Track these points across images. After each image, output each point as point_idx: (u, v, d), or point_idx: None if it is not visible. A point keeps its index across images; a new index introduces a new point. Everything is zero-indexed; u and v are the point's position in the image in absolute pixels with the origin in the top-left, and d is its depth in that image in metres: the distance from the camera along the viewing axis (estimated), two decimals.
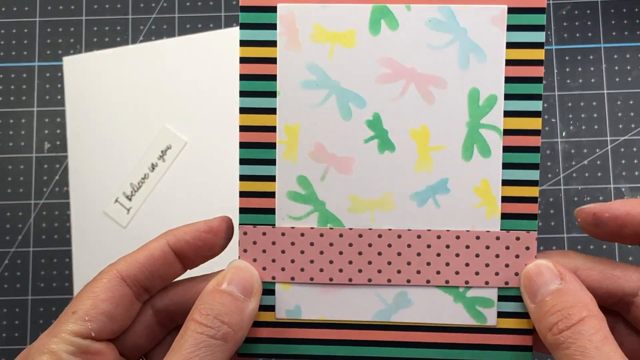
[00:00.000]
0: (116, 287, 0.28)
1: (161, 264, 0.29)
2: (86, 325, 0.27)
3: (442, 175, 0.33)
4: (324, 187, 0.34)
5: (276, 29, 0.33)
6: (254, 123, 0.33)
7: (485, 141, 0.33)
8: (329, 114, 0.33)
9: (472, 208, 0.33)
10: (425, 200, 0.33)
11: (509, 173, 0.33)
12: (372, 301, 0.34)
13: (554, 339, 0.26)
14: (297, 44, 0.33)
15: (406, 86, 0.33)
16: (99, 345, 0.27)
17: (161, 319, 0.30)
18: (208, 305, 0.27)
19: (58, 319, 0.27)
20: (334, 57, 0.33)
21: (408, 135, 0.33)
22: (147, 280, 0.29)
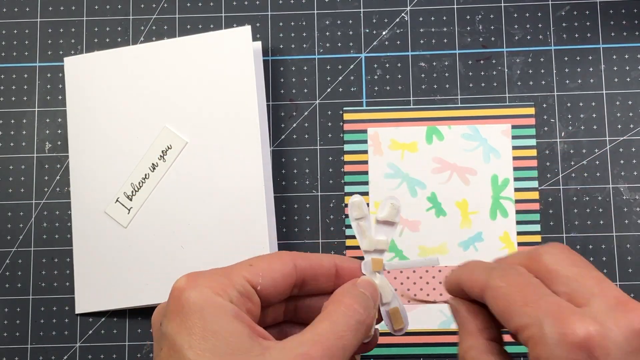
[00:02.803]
0: (288, 266, 0.31)
1: (324, 274, 0.33)
2: (257, 278, 0.30)
3: (478, 230, 0.52)
4: (401, 241, 0.52)
5: (367, 142, 0.54)
6: None
7: (504, 207, 0.53)
8: (403, 193, 0.53)
9: (499, 250, 0.52)
10: (468, 247, 0.52)
11: (520, 227, 0.53)
12: (437, 315, 0.51)
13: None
14: (381, 151, 0.54)
15: (451, 174, 0.53)
16: (256, 299, 0.30)
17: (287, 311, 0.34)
18: (357, 294, 0.31)
19: (233, 265, 0.31)
20: (405, 158, 0.54)
21: (454, 205, 0.53)
22: (309, 278, 0.33)
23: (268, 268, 0.31)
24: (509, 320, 0.27)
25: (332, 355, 0.28)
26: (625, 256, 0.52)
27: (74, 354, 0.53)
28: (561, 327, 0.25)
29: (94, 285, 0.53)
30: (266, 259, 0.31)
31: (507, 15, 0.55)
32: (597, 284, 0.27)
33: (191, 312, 0.27)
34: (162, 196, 0.53)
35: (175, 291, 0.29)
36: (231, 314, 0.28)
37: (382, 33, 0.55)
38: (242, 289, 0.29)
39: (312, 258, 0.33)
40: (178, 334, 0.27)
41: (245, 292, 0.29)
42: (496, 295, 0.28)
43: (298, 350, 0.27)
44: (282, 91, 0.55)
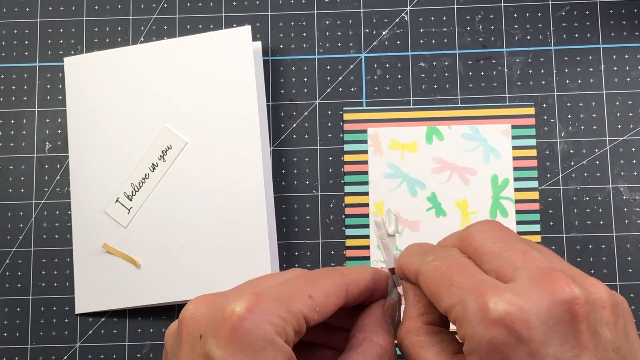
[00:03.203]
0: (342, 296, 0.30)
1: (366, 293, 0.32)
2: (314, 315, 0.28)
3: None
4: (401, 241, 0.52)
5: (367, 142, 0.54)
6: (355, 202, 0.53)
7: (504, 207, 0.53)
8: (402, 193, 0.53)
9: None
10: None
11: (520, 227, 0.52)
12: None
13: None
14: (381, 151, 0.54)
15: (451, 174, 0.53)
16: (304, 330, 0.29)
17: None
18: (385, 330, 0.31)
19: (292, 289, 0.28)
20: (405, 158, 0.53)
21: (454, 205, 0.53)
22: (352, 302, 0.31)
23: (325, 303, 0.29)
24: (438, 302, 0.27)
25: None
26: (625, 256, 0.52)
27: (74, 354, 0.53)
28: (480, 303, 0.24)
29: (94, 285, 0.53)
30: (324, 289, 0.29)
31: (507, 15, 0.55)
32: (522, 257, 0.26)
33: (249, 347, 0.25)
34: (162, 196, 0.53)
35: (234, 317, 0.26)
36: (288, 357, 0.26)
37: (382, 33, 0.55)
38: (298, 327, 0.27)
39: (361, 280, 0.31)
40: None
41: (299, 330, 0.28)
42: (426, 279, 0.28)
43: None
44: (282, 91, 0.55)
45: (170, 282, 0.52)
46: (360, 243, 0.53)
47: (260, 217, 0.51)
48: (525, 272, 0.26)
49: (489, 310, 0.24)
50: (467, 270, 0.27)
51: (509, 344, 0.24)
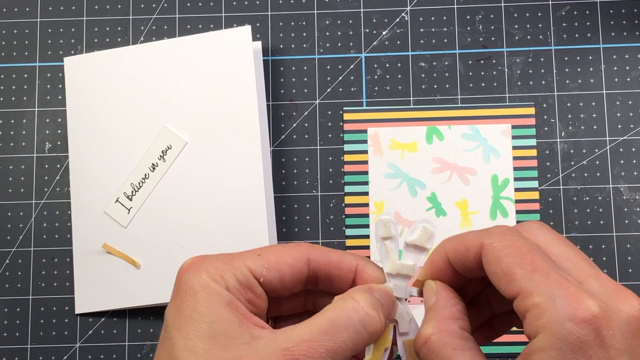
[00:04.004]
0: (300, 260, 0.30)
1: (341, 275, 0.31)
2: (262, 269, 0.29)
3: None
4: (401, 241, 0.50)
5: (367, 142, 0.54)
6: (355, 202, 0.53)
7: (504, 207, 0.53)
8: (402, 193, 0.53)
9: None
10: None
11: None
12: None
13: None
14: (381, 151, 0.53)
15: (451, 174, 0.53)
16: (261, 291, 0.30)
17: (307, 302, 0.33)
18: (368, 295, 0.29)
19: (242, 252, 0.30)
20: (405, 158, 0.53)
21: (454, 205, 0.53)
22: (323, 276, 0.31)
23: (276, 260, 0.30)
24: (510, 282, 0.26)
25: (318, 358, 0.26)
26: (625, 256, 0.52)
27: (74, 354, 0.53)
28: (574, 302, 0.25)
29: (94, 285, 0.53)
30: (277, 251, 0.30)
31: (507, 15, 0.55)
32: (589, 266, 0.27)
33: (186, 295, 0.28)
34: (162, 196, 0.53)
35: (179, 273, 0.29)
36: (223, 301, 0.27)
37: (382, 33, 0.55)
38: (243, 279, 0.29)
39: (332, 256, 0.31)
40: (171, 315, 0.28)
41: (245, 282, 0.29)
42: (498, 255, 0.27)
43: (284, 345, 0.26)
44: (282, 91, 0.55)
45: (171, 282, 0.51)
46: (360, 243, 0.53)
47: (260, 217, 0.51)
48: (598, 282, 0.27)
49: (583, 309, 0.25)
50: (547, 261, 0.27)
51: (593, 345, 0.24)
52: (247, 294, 0.29)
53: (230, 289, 0.28)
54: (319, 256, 0.31)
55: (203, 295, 0.27)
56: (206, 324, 0.27)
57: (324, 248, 0.31)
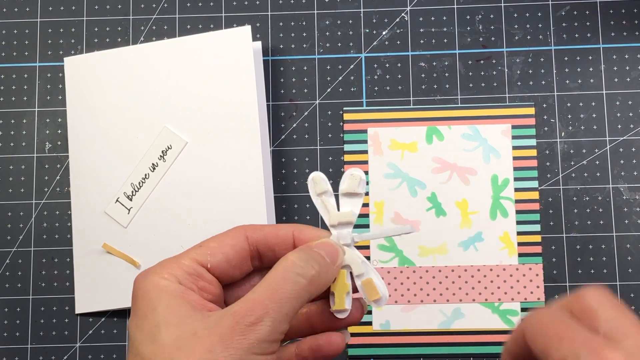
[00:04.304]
0: (238, 239, 0.33)
1: (279, 243, 0.33)
2: (206, 257, 0.32)
3: (478, 230, 0.52)
4: (401, 241, 0.52)
5: (367, 142, 0.54)
6: None
7: (504, 207, 0.53)
8: (403, 193, 0.53)
9: (499, 250, 0.52)
10: (468, 247, 0.52)
11: (520, 227, 0.52)
12: (437, 315, 0.52)
13: None
14: (381, 151, 0.54)
15: (451, 174, 0.53)
16: (210, 277, 0.32)
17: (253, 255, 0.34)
18: (303, 251, 0.31)
19: (186, 250, 0.32)
20: (404, 158, 0.53)
21: (454, 205, 0.53)
22: (264, 249, 0.33)
23: (217, 245, 0.32)
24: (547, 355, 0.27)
25: (264, 311, 0.28)
26: (625, 256, 0.52)
27: (74, 354, 0.53)
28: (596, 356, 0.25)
29: (94, 285, 0.53)
30: (217, 237, 0.33)
31: (507, 15, 0.55)
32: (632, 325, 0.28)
33: (139, 298, 0.30)
34: (162, 196, 0.53)
35: (133, 285, 0.31)
36: (175, 293, 0.30)
37: (382, 33, 0.55)
38: (191, 270, 0.31)
39: (267, 229, 0.33)
40: (131, 321, 0.30)
41: (194, 272, 0.31)
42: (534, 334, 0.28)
43: (232, 309, 0.28)
44: (282, 91, 0.55)
45: None
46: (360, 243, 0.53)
47: (260, 217, 0.51)
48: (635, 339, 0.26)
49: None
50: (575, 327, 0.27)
51: None
52: (198, 282, 0.31)
53: (181, 281, 0.30)
54: (255, 231, 0.33)
55: (154, 292, 0.30)
56: (160, 314, 0.29)
57: (259, 224, 0.34)
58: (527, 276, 0.52)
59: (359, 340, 0.52)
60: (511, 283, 0.52)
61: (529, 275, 0.52)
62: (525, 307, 0.52)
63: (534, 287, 0.52)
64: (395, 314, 0.52)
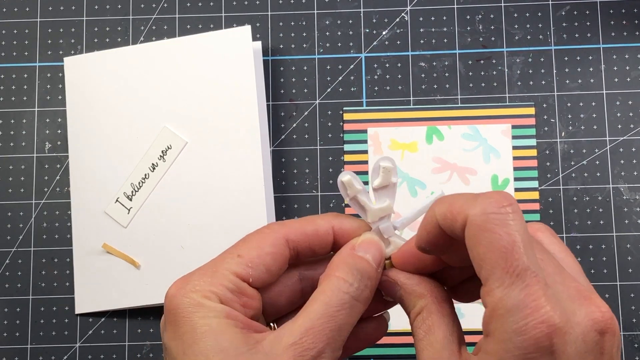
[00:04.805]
0: (280, 245, 0.30)
1: (320, 241, 0.31)
2: (248, 270, 0.29)
3: None
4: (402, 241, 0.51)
5: (367, 142, 0.53)
6: None
7: None
8: (403, 193, 0.53)
9: None
10: None
11: None
12: None
13: None
14: (381, 151, 0.53)
15: (451, 174, 0.53)
16: (252, 291, 0.29)
17: (305, 287, 0.32)
18: (351, 265, 0.29)
19: (221, 256, 0.30)
20: (405, 158, 0.53)
21: None
22: (303, 250, 0.31)
23: (257, 255, 0.29)
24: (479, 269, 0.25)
25: (326, 342, 0.27)
26: (625, 256, 0.52)
27: (74, 354, 0.53)
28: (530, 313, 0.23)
29: (94, 285, 0.53)
30: (254, 244, 0.30)
31: (507, 15, 0.55)
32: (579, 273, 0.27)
33: (182, 319, 0.27)
34: (162, 196, 0.53)
35: (167, 301, 0.29)
36: (222, 315, 0.27)
37: (382, 33, 0.55)
38: (232, 286, 0.29)
39: (307, 227, 0.31)
40: (172, 342, 0.28)
41: (236, 289, 0.29)
42: (477, 237, 0.25)
43: (290, 340, 0.26)
44: (282, 91, 0.55)
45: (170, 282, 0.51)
46: None
47: (260, 217, 0.51)
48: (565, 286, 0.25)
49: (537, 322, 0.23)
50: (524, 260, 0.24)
51: (544, 354, 0.23)
52: (240, 299, 0.29)
53: (223, 300, 0.28)
54: (296, 234, 0.31)
55: (198, 315, 0.27)
56: (209, 341, 0.27)
57: (296, 222, 0.31)
58: None
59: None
60: None
61: None
62: None
63: None
64: (396, 314, 0.52)
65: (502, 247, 0.24)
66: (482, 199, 0.25)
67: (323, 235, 0.31)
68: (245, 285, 0.29)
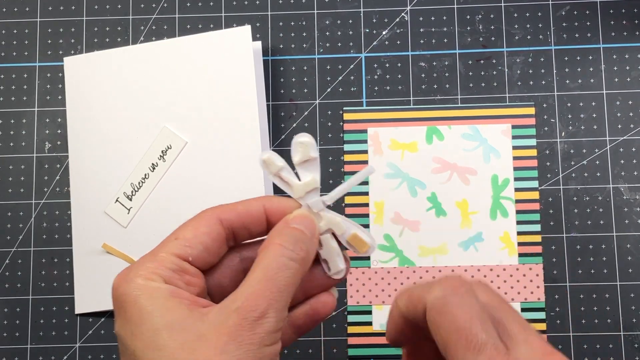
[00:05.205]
0: (214, 225, 0.31)
1: (253, 221, 0.32)
2: (186, 249, 0.30)
3: (478, 230, 0.52)
4: (401, 241, 0.52)
5: (367, 142, 0.54)
6: (355, 202, 0.53)
7: (504, 207, 0.53)
8: (403, 193, 0.53)
9: (499, 250, 0.52)
10: (468, 247, 0.52)
11: (520, 227, 0.52)
12: None
13: None
14: (380, 151, 0.53)
15: (451, 174, 0.53)
16: (194, 270, 0.31)
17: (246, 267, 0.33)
18: (286, 233, 0.31)
19: (160, 243, 0.31)
20: (404, 158, 0.53)
21: (454, 205, 0.53)
22: (238, 229, 0.32)
23: (193, 236, 0.31)
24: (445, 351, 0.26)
25: (268, 302, 0.28)
26: (625, 256, 0.52)
27: (73, 354, 0.53)
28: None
29: (94, 285, 0.53)
30: (190, 226, 0.31)
31: (507, 15, 0.55)
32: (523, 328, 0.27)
33: (128, 304, 0.28)
34: (162, 196, 0.53)
35: (113, 291, 0.29)
36: (166, 294, 0.28)
37: (382, 33, 0.55)
38: (174, 266, 0.30)
39: (239, 208, 0.32)
40: (122, 329, 0.28)
41: (178, 268, 0.30)
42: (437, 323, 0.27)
43: (234, 306, 0.28)
44: (282, 91, 0.55)
45: None
46: None
47: None
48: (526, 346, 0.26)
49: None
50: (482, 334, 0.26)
51: None
52: (184, 278, 0.30)
53: (167, 280, 0.29)
54: (227, 212, 0.32)
55: (144, 297, 0.28)
56: (156, 318, 0.28)
57: (229, 204, 0.32)
58: (527, 276, 0.52)
59: (359, 341, 0.52)
60: (511, 283, 0.52)
61: (529, 275, 0.52)
62: (525, 307, 0.51)
63: (534, 287, 0.52)
64: None
65: (460, 328, 0.26)
66: (436, 285, 0.28)
67: (255, 214, 0.32)
68: (187, 265, 0.30)
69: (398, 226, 0.53)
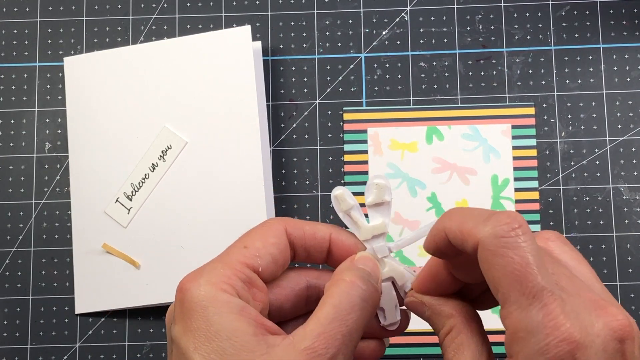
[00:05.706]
0: (281, 236, 0.30)
1: (316, 245, 0.31)
2: (255, 260, 0.29)
3: None
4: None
5: (367, 142, 0.54)
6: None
7: (504, 207, 0.52)
8: (403, 193, 0.53)
9: None
10: None
11: None
12: None
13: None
14: (381, 151, 0.54)
15: (451, 174, 0.53)
16: (261, 283, 0.29)
17: (311, 295, 0.32)
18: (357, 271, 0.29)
19: (227, 250, 0.30)
20: (404, 158, 0.53)
21: (454, 205, 0.52)
22: (298, 248, 0.31)
23: (263, 245, 0.30)
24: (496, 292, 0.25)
25: (338, 347, 0.26)
26: (625, 256, 0.52)
27: (73, 354, 0.53)
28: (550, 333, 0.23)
29: (94, 285, 0.53)
30: (257, 234, 0.30)
31: (507, 15, 0.55)
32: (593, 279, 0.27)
33: (195, 313, 0.27)
34: (162, 196, 0.53)
35: (180, 293, 0.28)
36: (236, 311, 0.27)
37: (382, 33, 0.55)
38: (244, 277, 0.28)
39: (306, 228, 0.31)
40: (184, 337, 0.27)
41: (247, 279, 0.29)
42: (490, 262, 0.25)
43: (302, 345, 0.26)
44: (282, 91, 0.55)
45: (170, 282, 0.51)
46: None
47: (260, 217, 0.51)
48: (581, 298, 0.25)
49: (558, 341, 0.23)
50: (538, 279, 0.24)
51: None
52: (252, 292, 0.29)
53: (240, 293, 0.28)
54: (294, 228, 0.31)
55: (212, 310, 0.27)
56: (222, 341, 0.26)
57: (295, 219, 0.31)
58: None
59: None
60: None
61: None
62: None
63: None
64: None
65: (516, 271, 0.24)
66: (492, 221, 0.25)
67: (320, 239, 0.31)
68: (255, 276, 0.29)
69: (398, 226, 0.53)
